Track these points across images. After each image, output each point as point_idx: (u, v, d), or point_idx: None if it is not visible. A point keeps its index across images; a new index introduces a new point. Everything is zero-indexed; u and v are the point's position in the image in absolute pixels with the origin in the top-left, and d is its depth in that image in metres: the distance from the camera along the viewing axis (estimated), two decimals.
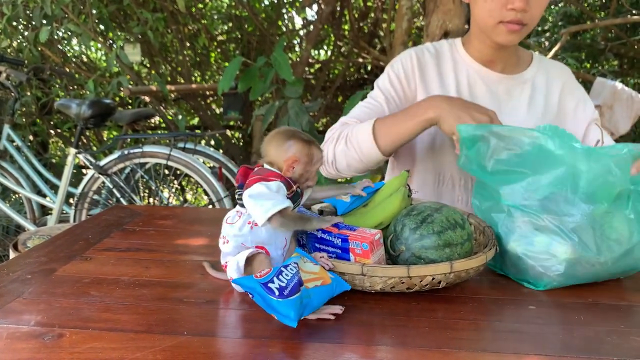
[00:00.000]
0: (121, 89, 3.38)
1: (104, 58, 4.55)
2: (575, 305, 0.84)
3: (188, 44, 4.24)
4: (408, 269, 0.79)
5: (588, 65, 4.50)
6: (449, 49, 1.32)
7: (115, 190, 2.56)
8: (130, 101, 4.23)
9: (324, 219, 0.85)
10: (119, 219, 1.27)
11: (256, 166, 0.86)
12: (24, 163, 2.85)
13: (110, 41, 3.95)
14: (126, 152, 2.51)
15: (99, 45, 4.11)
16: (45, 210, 3.01)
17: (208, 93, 4.56)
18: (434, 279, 0.81)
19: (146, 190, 3.07)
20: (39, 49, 3.60)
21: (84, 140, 4.08)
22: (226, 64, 4.30)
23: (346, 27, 4.56)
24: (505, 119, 1.11)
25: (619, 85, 3.15)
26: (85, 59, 4.51)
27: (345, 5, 4.00)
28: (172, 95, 4.28)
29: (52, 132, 4.29)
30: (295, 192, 0.83)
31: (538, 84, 1.29)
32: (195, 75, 4.56)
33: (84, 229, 1.18)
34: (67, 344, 0.66)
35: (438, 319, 0.77)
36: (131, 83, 3.76)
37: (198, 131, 4.18)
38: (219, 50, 4.57)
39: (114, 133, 4.25)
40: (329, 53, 4.80)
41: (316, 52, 4.95)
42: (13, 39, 3.60)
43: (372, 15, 4.46)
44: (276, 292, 0.70)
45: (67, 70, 3.90)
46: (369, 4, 4.42)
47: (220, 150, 4.09)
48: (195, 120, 4.93)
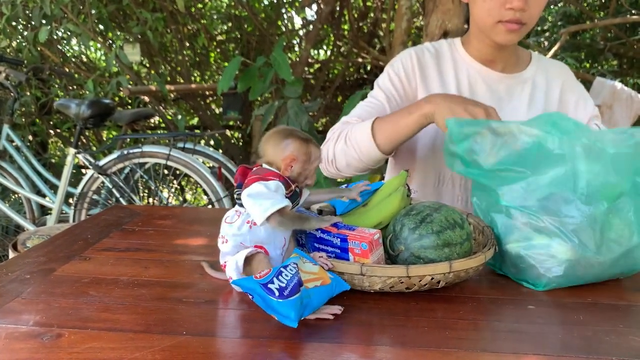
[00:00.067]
0: (120, 88, 3.38)
1: (103, 58, 4.55)
2: (575, 305, 0.84)
3: (187, 44, 4.24)
4: (407, 268, 0.79)
5: (587, 65, 4.50)
6: (448, 49, 1.32)
7: (114, 190, 2.56)
8: (129, 101, 4.23)
9: (323, 218, 0.85)
10: (118, 219, 1.27)
11: (255, 166, 0.86)
12: (23, 163, 2.85)
13: (110, 41, 3.95)
14: (125, 152, 2.51)
15: (99, 45, 4.11)
16: (44, 210, 3.00)
17: (207, 93, 4.56)
18: (433, 278, 0.81)
19: (145, 190, 3.07)
20: (38, 48, 3.60)
21: (84, 140, 4.08)
22: (225, 63, 4.30)
23: (346, 27, 4.56)
24: (506, 118, 1.11)
25: (618, 85, 3.15)
26: (84, 59, 4.51)
27: (344, 5, 4.00)
28: (172, 95, 4.28)
29: (52, 132, 4.29)
30: (294, 192, 0.83)
31: (538, 82, 1.30)
32: (195, 75, 4.56)
33: (83, 228, 1.18)
34: (66, 344, 0.66)
35: (437, 318, 0.77)
36: (130, 83, 3.76)
37: (197, 131, 4.18)
38: (218, 50, 4.57)
39: (114, 133, 4.26)
40: (329, 53, 4.80)
41: (315, 52, 4.95)
42: (12, 39, 3.60)
43: (372, 15, 4.46)
44: (276, 293, 0.70)
45: (67, 70, 3.90)
46: (369, 3, 4.43)
47: (220, 150, 4.09)
48: (194, 120, 4.93)
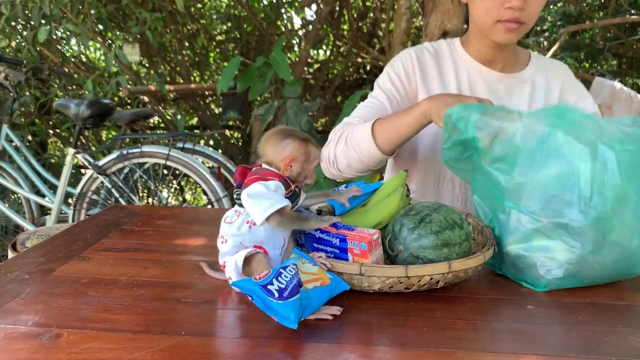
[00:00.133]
0: (120, 88, 3.38)
1: (102, 58, 4.55)
2: (574, 305, 0.84)
3: (187, 44, 4.24)
4: (406, 268, 0.79)
5: (587, 65, 4.50)
6: (448, 49, 1.32)
7: (114, 190, 2.56)
8: (129, 101, 4.22)
9: (322, 218, 0.85)
10: (117, 219, 1.27)
11: (254, 166, 0.86)
12: (22, 163, 2.85)
13: (109, 41, 3.94)
14: (125, 152, 2.51)
15: (98, 45, 4.11)
16: (44, 210, 3.00)
17: (207, 93, 4.56)
18: (432, 278, 0.81)
19: (145, 190, 3.07)
20: (38, 48, 3.59)
21: (83, 140, 4.08)
22: (225, 63, 4.30)
23: (345, 27, 4.56)
24: None
25: (617, 85, 3.15)
26: (84, 59, 4.50)
27: (344, 5, 3.99)
28: (171, 95, 4.28)
29: (51, 132, 4.28)
30: (293, 192, 0.84)
31: (538, 82, 1.30)
32: (194, 75, 4.56)
33: (82, 229, 1.18)
34: (65, 344, 0.66)
35: (436, 318, 0.77)
36: (130, 83, 3.75)
37: (197, 131, 4.18)
38: (217, 50, 4.57)
39: (113, 133, 4.25)
40: (328, 53, 4.79)
41: (315, 52, 4.95)
42: (12, 39, 3.59)
43: (371, 15, 4.46)
44: (276, 294, 0.70)
45: (66, 70, 3.90)
46: (368, 3, 4.42)
47: (219, 150, 4.09)
48: (194, 120, 4.92)
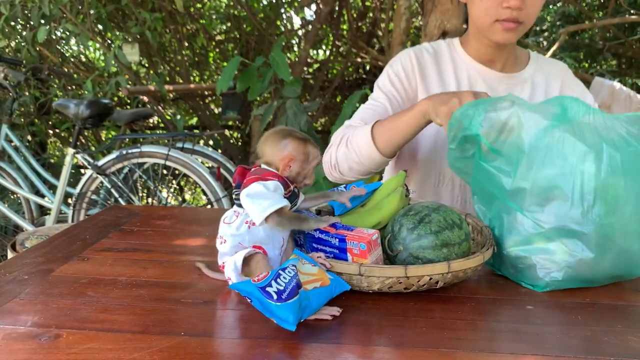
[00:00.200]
0: (119, 88, 3.37)
1: (102, 58, 4.54)
2: (573, 305, 0.84)
3: (186, 44, 4.23)
4: (405, 269, 0.79)
5: (586, 65, 4.50)
6: (447, 49, 1.32)
7: (113, 190, 2.56)
8: (128, 101, 4.22)
9: (321, 219, 0.85)
10: (116, 219, 1.26)
11: (253, 166, 0.86)
12: (22, 163, 2.85)
13: (109, 41, 3.94)
14: (124, 152, 2.51)
15: (97, 45, 4.10)
16: (43, 211, 3.00)
17: (206, 93, 4.56)
18: (431, 279, 0.81)
19: (144, 190, 3.07)
20: (37, 48, 3.59)
21: (82, 140, 4.08)
22: (224, 63, 4.30)
23: (345, 27, 4.56)
24: None
25: (617, 84, 3.15)
26: (83, 59, 4.50)
27: (343, 5, 3.99)
28: (171, 95, 4.28)
29: (51, 132, 4.28)
30: (292, 192, 0.84)
31: (537, 82, 1.30)
32: (194, 75, 4.56)
33: (81, 229, 1.18)
34: (64, 345, 0.66)
35: (435, 319, 0.77)
36: (129, 83, 3.75)
37: (196, 131, 4.18)
38: (217, 50, 4.56)
39: (112, 133, 4.25)
40: (328, 53, 4.79)
41: (315, 52, 4.94)
42: (11, 39, 3.59)
43: (371, 15, 4.45)
44: (274, 296, 0.69)
45: (65, 70, 3.90)
46: (368, 3, 4.42)
47: (219, 150, 4.09)
48: (193, 120, 4.92)
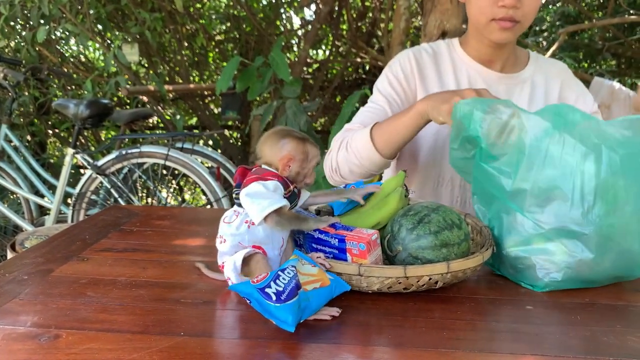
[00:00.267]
0: (119, 89, 3.37)
1: (101, 58, 4.54)
2: (573, 305, 0.84)
3: (186, 44, 4.23)
4: (405, 269, 0.79)
5: (586, 65, 4.50)
6: (446, 49, 1.32)
7: (113, 191, 2.56)
8: (128, 101, 4.22)
9: (321, 219, 0.85)
10: (116, 219, 1.26)
11: (254, 166, 0.86)
12: (21, 163, 2.85)
13: (108, 41, 3.94)
14: (124, 152, 2.50)
15: (97, 45, 4.10)
16: (43, 211, 3.00)
17: (206, 93, 4.56)
18: (430, 279, 0.81)
19: (144, 190, 3.07)
20: (37, 48, 3.59)
21: (82, 141, 4.08)
22: (224, 63, 4.30)
23: (344, 27, 4.56)
24: None
25: (616, 85, 3.15)
26: (83, 59, 4.50)
27: (343, 5, 3.99)
28: (170, 95, 4.28)
29: (50, 132, 4.28)
30: (292, 192, 0.84)
31: (537, 82, 1.30)
32: (193, 75, 4.56)
33: (81, 229, 1.18)
34: (64, 345, 0.66)
35: (435, 319, 0.77)
36: (129, 83, 3.75)
37: (196, 131, 4.18)
38: (217, 50, 4.56)
39: (112, 133, 4.25)
40: (327, 53, 4.79)
41: (314, 52, 4.94)
42: (11, 39, 3.59)
43: (370, 15, 4.45)
44: (273, 297, 0.69)
45: (65, 70, 3.89)
46: (367, 3, 4.42)
47: (219, 150, 4.09)
48: (193, 120, 4.92)
